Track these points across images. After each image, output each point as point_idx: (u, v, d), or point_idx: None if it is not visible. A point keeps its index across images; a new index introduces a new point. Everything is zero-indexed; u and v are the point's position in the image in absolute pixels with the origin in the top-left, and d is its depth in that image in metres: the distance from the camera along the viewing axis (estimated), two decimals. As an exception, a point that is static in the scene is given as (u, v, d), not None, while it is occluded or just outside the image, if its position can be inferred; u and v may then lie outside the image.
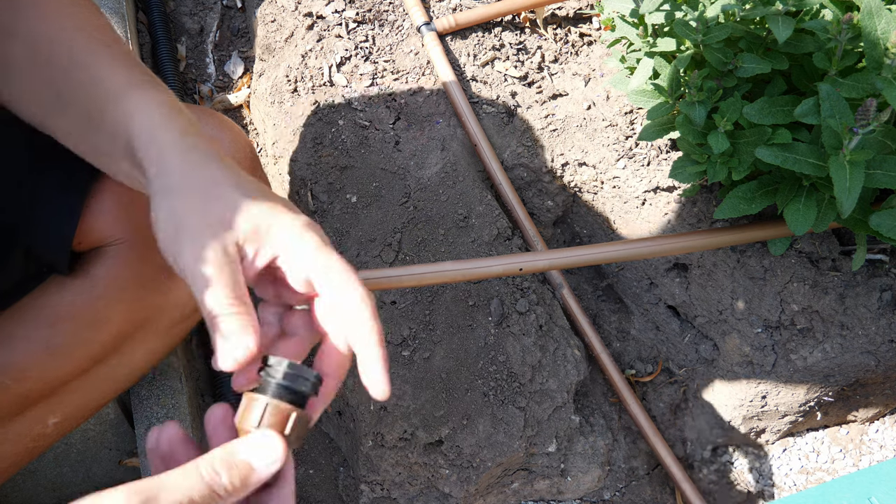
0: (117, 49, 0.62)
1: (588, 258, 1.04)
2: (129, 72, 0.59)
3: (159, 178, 0.53)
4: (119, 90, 0.57)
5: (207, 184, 0.52)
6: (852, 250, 1.07)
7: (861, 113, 0.81)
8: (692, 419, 1.14)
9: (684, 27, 0.93)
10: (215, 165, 0.54)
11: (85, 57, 0.60)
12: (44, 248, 0.71)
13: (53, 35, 0.62)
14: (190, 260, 0.50)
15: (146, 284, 0.76)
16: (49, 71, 0.61)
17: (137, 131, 0.55)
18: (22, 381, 0.73)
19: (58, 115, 0.61)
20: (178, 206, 0.51)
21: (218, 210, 0.51)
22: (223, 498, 0.46)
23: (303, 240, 0.52)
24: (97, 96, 0.58)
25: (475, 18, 1.26)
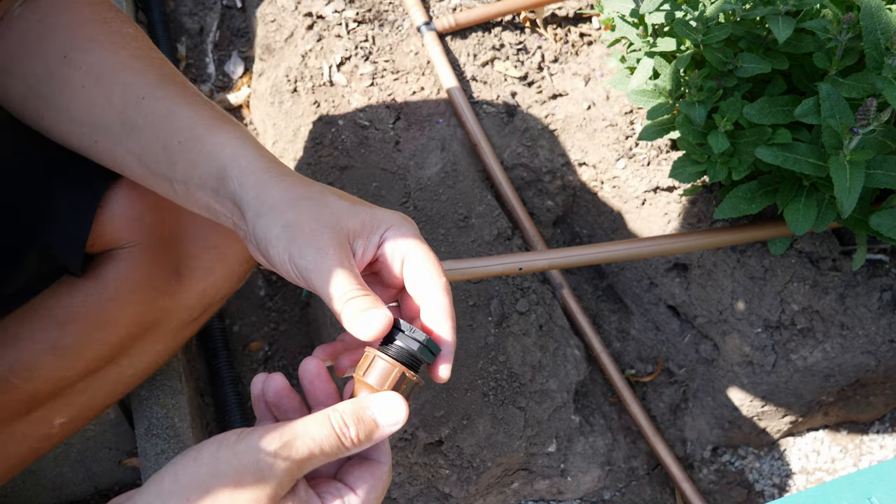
0: (182, 82, 0.67)
1: (588, 258, 1.04)
2: (204, 107, 0.65)
3: (261, 199, 0.58)
4: (202, 124, 0.63)
5: (312, 195, 0.58)
6: (852, 250, 1.07)
7: (861, 113, 0.81)
8: (692, 419, 1.14)
9: (684, 27, 0.93)
10: (309, 184, 0.60)
11: (156, 90, 0.65)
12: (58, 250, 0.72)
13: (117, 64, 0.66)
14: (313, 259, 0.55)
15: (156, 287, 0.77)
16: (117, 99, 0.65)
17: (230, 163, 0.60)
18: (30, 381, 0.74)
19: (118, 142, 0.65)
20: (292, 218, 0.56)
21: (328, 215, 0.57)
22: (348, 449, 0.51)
23: (401, 230, 0.59)
24: (175, 128, 0.63)
25: (475, 18, 1.26)
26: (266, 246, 0.57)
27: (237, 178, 0.59)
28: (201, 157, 0.61)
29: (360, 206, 0.59)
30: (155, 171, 0.64)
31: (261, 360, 1.21)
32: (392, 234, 0.58)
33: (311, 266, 0.55)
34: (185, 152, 0.62)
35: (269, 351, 1.21)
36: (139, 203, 0.74)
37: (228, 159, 0.60)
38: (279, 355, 1.21)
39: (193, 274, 0.79)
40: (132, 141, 0.65)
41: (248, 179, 0.59)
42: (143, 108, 0.64)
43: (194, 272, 0.79)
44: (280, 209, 0.57)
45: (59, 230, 0.72)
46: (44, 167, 0.72)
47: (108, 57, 0.66)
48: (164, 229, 0.76)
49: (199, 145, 0.61)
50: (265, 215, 0.57)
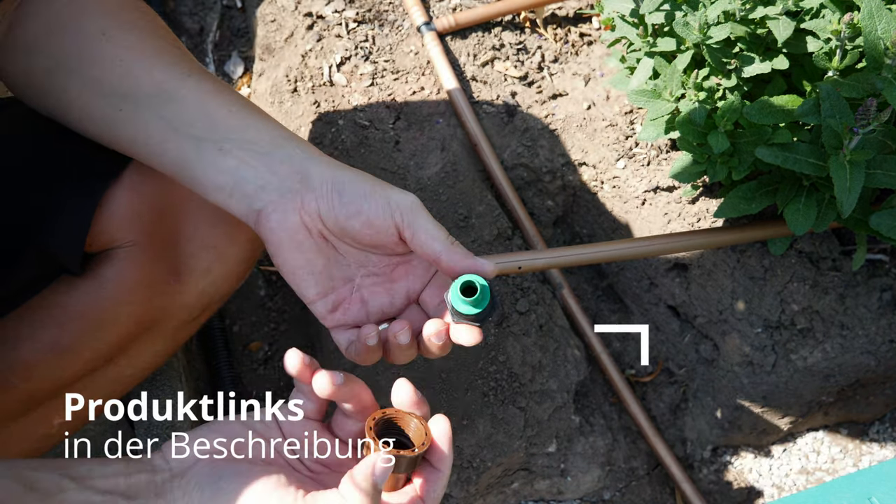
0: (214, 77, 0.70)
1: (587, 257, 1.04)
2: (240, 101, 0.67)
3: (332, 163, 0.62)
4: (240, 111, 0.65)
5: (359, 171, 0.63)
6: (852, 250, 1.07)
7: (861, 113, 0.81)
8: (692, 419, 1.14)
9: (684, 27, 0.93)
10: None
11: (202, 72, 0.67)
12: (57, 249, 0.72)
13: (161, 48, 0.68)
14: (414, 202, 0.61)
15: (154, 287, 0.77)
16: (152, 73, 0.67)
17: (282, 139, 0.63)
18: (29, 381, 0.74)
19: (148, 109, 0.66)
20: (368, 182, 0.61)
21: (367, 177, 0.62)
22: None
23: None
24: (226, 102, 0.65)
25: (475, 18, 1.26)
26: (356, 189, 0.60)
27: (297, 145, 0.63)
28: (257, 125, 0.64)
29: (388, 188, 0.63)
30: (185, 134, 0.64)
31: (261, 360, 1.21)
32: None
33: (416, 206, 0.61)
34: (237, 119, 0.64)
35: (269, 351, 1.21)
36: (138, 202, 0.74)
37: (284, 138, 0.63)
38: (279, 355, 1.21)
39: (192, 274, 0.79)
40: (167, 109, 0.65)
41: (308, 147, 0.63)
42: (189, 83, 0.66)
43: (193, 272, 0.79)
44: (362, 176, 0.62)
45: (58, 229, 0.72)
46: (43, 167, 0.72)
47: (150, 39, 0.69)
48: (163, 229, 0.76)
49: (254, 117, 0.65)
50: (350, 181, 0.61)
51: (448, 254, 0.61)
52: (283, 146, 0.63)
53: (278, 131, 0.64)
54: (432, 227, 0.61)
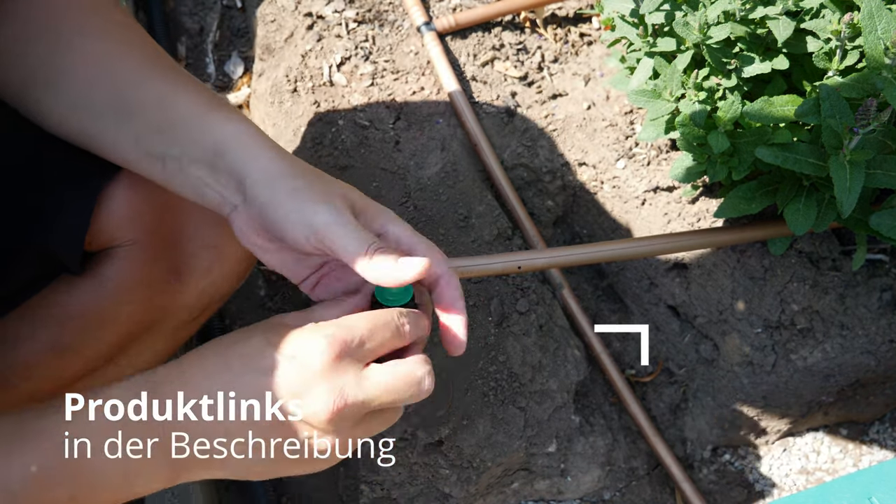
0: (176, 67, 0.69)
1: (587, 257, 1.03)
2: (201, 91, 0.67)
3: (267, 169, 0.61)
4: (201, 105, 0.65)
5: (317, 171, 0.63)
6: (852, 250, 1.07)
7: (861, 113, 0.81)
8: (692, 419, 1.14)
9: (684, 27, 0.93)
10: (312, 168, 0.64)
11: (151, 74, 0.67)
12: (56, 248, 0.72)
13: (108, 52, 0.68)
14: (328, 215, 0.59)
15: (155, 286, 0.77)
16: (109, 85, 0.67)
17: (231, 138, 0.63)
18: (29, 380, 0.74)
19: (115, 126, 0.67)
20: (302, 183, 0.60)
21: (337, 186, 0.63)
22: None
23: (401, 224, 0.64)
24: (173, 110, 0.65)
25: (475, 18, 1.26)
26: (275, 213, 0.59)
27: (239, 150, 0.62)
28: (200, 134, 0.64)
29: (365, 198, 0.65)
30: (149, 152, 0.66)
31: (261, 360, 1.20)
32: (393, 225, 0.63)
33: (329, 221, 0.58)
34: (185, 131, 0.64)
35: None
36: (138, 201, 0.74)
37: (230, 135, 0.63)
38: (279, 355, 1.21)
39: (193, 273, 0.79)
40: (128, 124, 0.66)
41: (251, 152, 0.62)
42: (140, 93, 0.66)
43: (194, 271, 0.79)
44: (290, 176, 0.60)
45: (57, 228, 0.72)
46: (41, 165, 0.72)
47: (99, 43, 0.68)
48: (163, 227, 0.76)
49: (198, 123, 0.64)
50: (273, 183, 0.60)
51: (367, 271, 0.59)
52: (226, 150, 0.63)
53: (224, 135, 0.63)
54: (347, 243, 0.59)
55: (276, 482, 1.13)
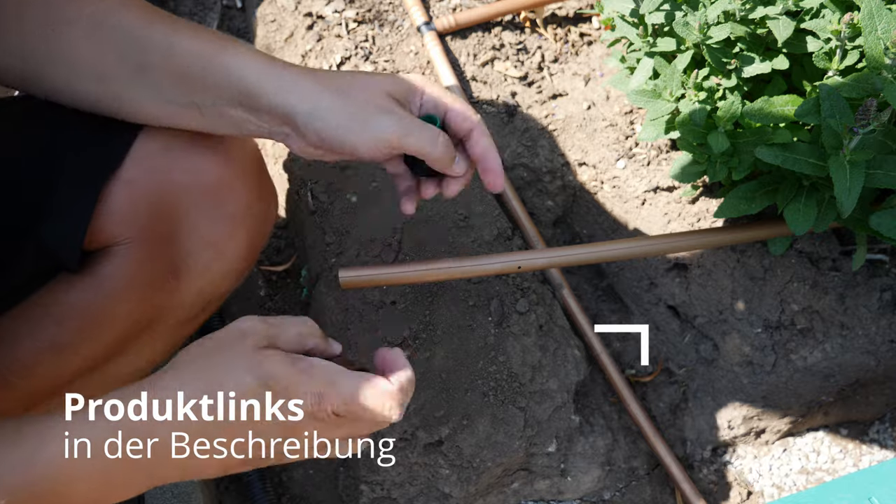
0: (172, 15, 0.71)
1: (588, 256, 1.03)
2: (203, 31, 0.69)
3: (311, 102, 0.65)
4: (210, 47, 0.67)
5: (353, 82, 0.67)
6: (852, 250, 1.07)
7: (861, 113, 0.81)
8: (692, 419, 1.14)
9: (684, 27, 0.93)
10: (337, 74, 0.69)
11: (154, 25, 0.68)
12: (55, 246, 0.72)
13: (107, 10, 0.68)
14: (396, 124, 0.66)
15: (153, 284, 0.77)
16: (115, 46, 0.68)
17: (257, 79, 0.66)
18: (28, 379, 0.74)
19: (131, 86, 0.69)
20: (354, 109, 0.66)
21: (379, 91, 0.67)
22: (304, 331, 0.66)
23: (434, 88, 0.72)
24: (185, 57, 0.67)
25: (475, 18, 1.26)
26: (340, 137, 0.65)
27: (272, 89, 0.65)
28: (227, 78, 0.66)
29: (393, 76, 0.70)
30: (179, 103, 0.68)
31: (261, 360, 1.20)
32: (430, 93, 0.71)
33: (398, 130, 0.66)
34: (206, 76, 0.67)
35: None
36: (136, 199, 0.74)
37: (254, 74, 0.66)
38: (279, 355, 1.21)
39: (191, 272, 0.79)
40: (146, 80, 0.68)
41: (284, 87, 0.65)
42: (147, 45, 0.67)
43: (192, 270, 0.79)
44: (340, 103, 0.65)
45: (56, 227, 0.72)
46: (41, 164, 0.72)
47: (99, 5, 0.68)
48: (162, 226, 0.76)
49: (218, 68, 0.66)
50: (325, 115, 0.65)
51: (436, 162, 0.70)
52: (261, 93, 0.66)
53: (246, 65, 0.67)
54: (421, 145, 0.68)
55: (276, 482, 1.13)
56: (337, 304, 1.07)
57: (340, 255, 1.08)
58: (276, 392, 0.58)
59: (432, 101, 0.72)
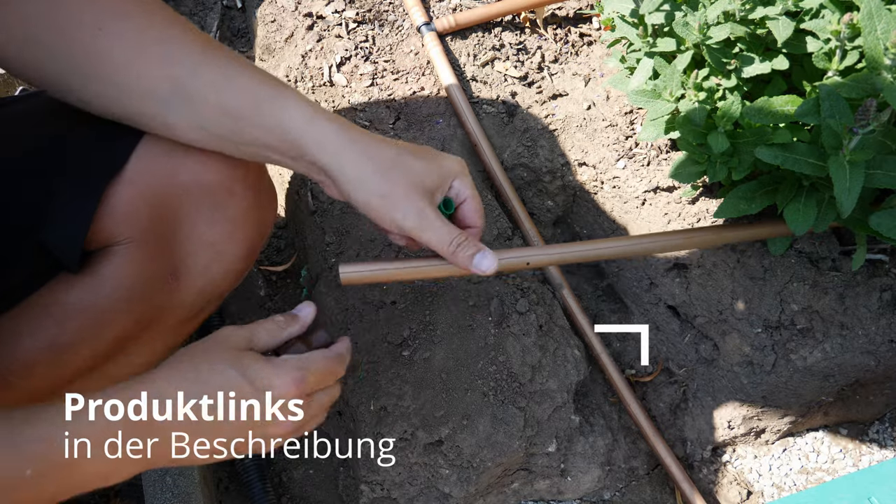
0: (223, 46, 0.72)
1: (593, 253, 0.99)
2: (257, 72, 0.71)
3: (352, 170, 0.69)
4: (263, 91, 0.69)
5: (396, 162, 0.71)
6: (852, 250, 1.07)
7: (861, 113, 0.81)
8: (692, 419, 1.14)
9: (684, 27, 0.93)
10: (385, 146, 0.71)
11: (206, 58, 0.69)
12: (56, 246, 0.72)
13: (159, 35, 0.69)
14: (417, 219, 0.71)
15: (153, 284, 0.77)
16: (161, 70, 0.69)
17: (305, 134, 0.69)
18: (27, 379, 0.74)
19: (175, 112, 0.70)
20: (387, 189, 0.70)
21: (415, 179, 0.71)
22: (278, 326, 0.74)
23: (463, 181, 0.77)
24: (236, 96, 0.69)
25: (475, 18, 1.26)
26: (368, 209, 0.70)
27: (319, 146, 0.69)
28: (272, 125, 0.68)
29: (433, 163, 0.73)
30: (217, 135, 0.70)
31: (261, 360, 1.20)
32: (457, 184, 0.76)
33: (417, 224, 0.71)
34: (253, 118, 0.68)
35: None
36: (137, 200, 0.74)
37: (301, 130, 0.69)
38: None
39: (190, 272, 0.79)
40: (188, 109, 0.69)
41: (331, 148, 0.69)
42: (198, 78, 0.68)
43: (191, 270, 0.79)
44: (376, 181, 0.69)
45: (57, 227, 0.72)
46: (42, 164, 0.72)
47: (148, 30, 0.68)
48: (162, 226, 0.76)
49: (266, 113, 0.68)
50: (362, 187, 0.69)
51: (451, 260, 0.75)
52: (306, 149, 0.69)
53: (293, 118, 0.69)
54: (433, 241, 0.73)
55: (276, 482, 1.13)
56: (337, 304, 1.07)
57: (340, 255, 1.08)
58: (259, 384, 0.66)
59: (457, 189, 0.77)
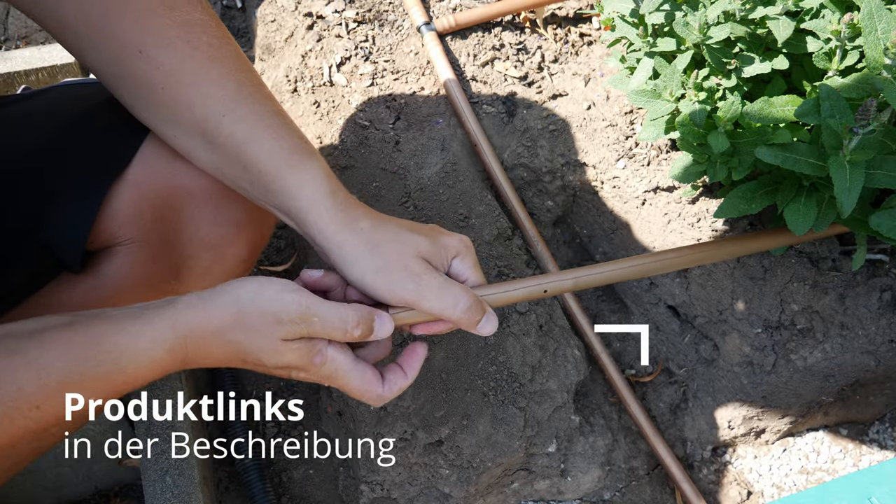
0: (257, 92, 0.71)
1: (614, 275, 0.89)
2: (282, 132, 0.70)
3: (347, 250, 0.68)
4: (282, 159, 0.69)
5: (391, 237, 0.69)
6: (852, 250, 1.07)
7: (861, 113, 0.81)
8: (692, 419, 1.14)
9: (684, 27, 0.93)
10: (383, 223, 0.70)
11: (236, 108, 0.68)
12: (58, 246, 0.72)
13: (196, 71, 0.68)
14: (415, 288, 0.67)
15: (154, 285, 0.77)
16: (192, 109, 0.69)
17: (309, 211, 0.68)
18: None
19: (199, 148, 0.71)
20: (382, 263, 0.68)
21: (411, 251, 0.69)
22: (346, 339, 0.66)
23: (465, 260, 0.73)
24: (256, 156, 0.68)
25: (475, 18, 1.26)
26: (363, 286, 0.68)
27: (316, 225, 0.68)
28: (282, 192, 0.68)
29: (432, 240, 0.71)
30: (233, 181, 0.71)
31: (261, 360, 1.20)
32: (456, 263, 0.72)
33: (415, 295, 0.67)
34: (269, 184, 0.68)
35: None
36: (140, 200, 0.74)
37: (307, 204, 0.68)
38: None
39: (192, 274, 0.79)
40: (211, 153, 0.69)
41: (327, 229, 0.68)
42: (224, 128, 0.68)
43: (193, 272, 0.79)
44: (369, 257, 0.68)
45: (59, 227, 0.72)
46: (45, 164, 0.72)
47: (186, 61, 0.68)
48: (164, 227, 0.76)
49: (279, 180, 0.68)
50: (356, 264, 0.67)
51: (458, 325, 0.71)
52: (307, 226, 0.69)
53: (303, 204, 0.68)
54: (435, 308, 0.69)
55: (276, 482, 1.13)
56: (337, 304, 1.07)
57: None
58: (289, 370, 0.66)
59: (457, 270, 0.73)
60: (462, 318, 0.69)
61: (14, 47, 1.45)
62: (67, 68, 1.18)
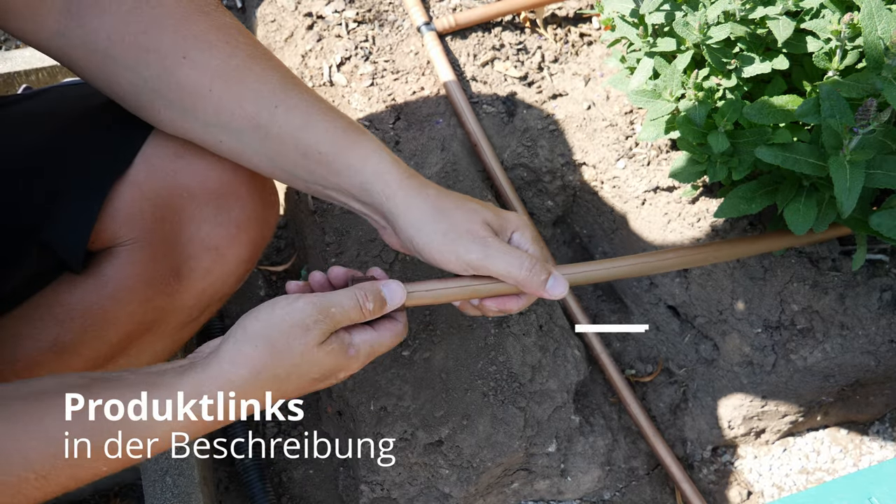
0: (302, 83, 0.73)
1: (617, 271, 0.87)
2: (335, 116, 0.72)
3: (414, 213, 0.70)
4: (341, 137, 0.70)
5: (457, 204, 0.71)
6: (852, 250, 1.07)
7: (861, 113, 0.81)
8: (692, 419, 1.14)
9: (684, 27, 0.93)
10: (447, 193, 0.72)
11: (287, 98, 0.70)
12: (59, 247, 0.72)
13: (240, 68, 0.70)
14: (482, 250, 0.69)
15: (155, 286, 0.77)
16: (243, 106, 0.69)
17: (375, 178, 0.70)
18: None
19: (248, 145, 0.72)
20: (447, 226, 0.70)
21: (475, 217, 0.71)
22: (366, 316, 0.68)
23: (524, 233, 0.75)
24: (315, 139, 0.70)
25: (475, 18, 1.26)
26: (430, 249, 0.70)
27: (384, 192, 0.70)
28: (345, 169, 0.70)
29: (494, 211, 0.73)
30: (289, 171, 0.72)
31: (261, 360, 1.20)
32: (516, 237, 0.74)
33: (483, 255, 0.69)
34: (328, 163, 0.70)
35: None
36: (141, 201, 0.74)
37: (372, 174, 0.70)
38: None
39: (192, 274, 0.79)
40: (265, 145, 0.70)
41: (395, 195, 0.70)
42: (278, 117, 0.69)
43: (194, 272, 0.79)
44: (436, 220, 0.70)
45: (60, 227, 0.72)
46: (46, 164, 0.72)
47: (229, 60, 0.69)
48: (165, 228, 0.76)
49: (341, 158, 0.70)
50: (423, 227, 0.70)
51: (524, 286, 0.72)
52: (373, 195, 0.70)
53: (367, 174, 0.70)
54: (502, 271, 0.71)
55: (276, 482, 1.13)
56: (337, 304, 1.07)
57: (340, 254, 1.08)
58: (334, 376, 0.68)
59: (517, 242, 0.74)
60: (528, 276, 0.70)
61: (14, 47, 1.45)
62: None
